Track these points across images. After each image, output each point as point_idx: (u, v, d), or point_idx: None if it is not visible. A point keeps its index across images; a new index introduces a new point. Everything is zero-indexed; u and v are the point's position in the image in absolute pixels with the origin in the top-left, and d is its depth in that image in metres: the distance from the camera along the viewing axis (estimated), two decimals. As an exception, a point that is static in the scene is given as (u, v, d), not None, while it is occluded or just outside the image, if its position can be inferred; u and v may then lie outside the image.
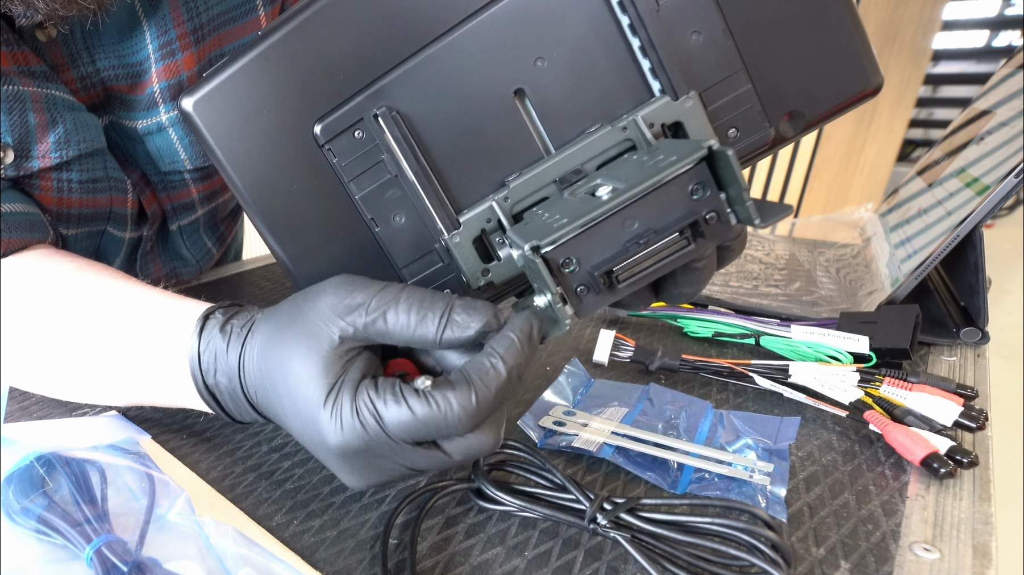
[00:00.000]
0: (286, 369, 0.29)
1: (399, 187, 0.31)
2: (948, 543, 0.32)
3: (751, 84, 0.30)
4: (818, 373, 0.44)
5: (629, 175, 0.27)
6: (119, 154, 0.50)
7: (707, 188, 0.25)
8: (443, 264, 0.33)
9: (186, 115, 0.31)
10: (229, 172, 0.32)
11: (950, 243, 0.50)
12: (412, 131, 0.30)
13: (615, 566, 0.31)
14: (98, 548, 0.29)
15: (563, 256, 0.26)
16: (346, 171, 0.31)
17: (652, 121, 0.30)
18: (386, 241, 0.32)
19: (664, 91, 0.30)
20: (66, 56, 0.44)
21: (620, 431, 0.40)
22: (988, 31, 4.61)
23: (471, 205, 0.31)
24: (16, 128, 0.41)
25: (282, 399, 0.30)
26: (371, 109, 0.30)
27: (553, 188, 0.30)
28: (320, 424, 0.28)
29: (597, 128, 0.30)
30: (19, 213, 0.43)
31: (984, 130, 0.63)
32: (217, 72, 0.30)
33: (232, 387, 0.32)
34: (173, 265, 0.64)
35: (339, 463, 0.29)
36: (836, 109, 0.31)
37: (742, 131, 0.31)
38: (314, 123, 0.30)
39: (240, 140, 0.31)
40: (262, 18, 0.49)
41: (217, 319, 0.33)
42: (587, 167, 0.30)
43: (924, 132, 4.82)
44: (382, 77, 0.30)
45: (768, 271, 0.71)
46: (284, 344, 0.30)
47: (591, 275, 0.26)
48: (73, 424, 0.38)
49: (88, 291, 0.39)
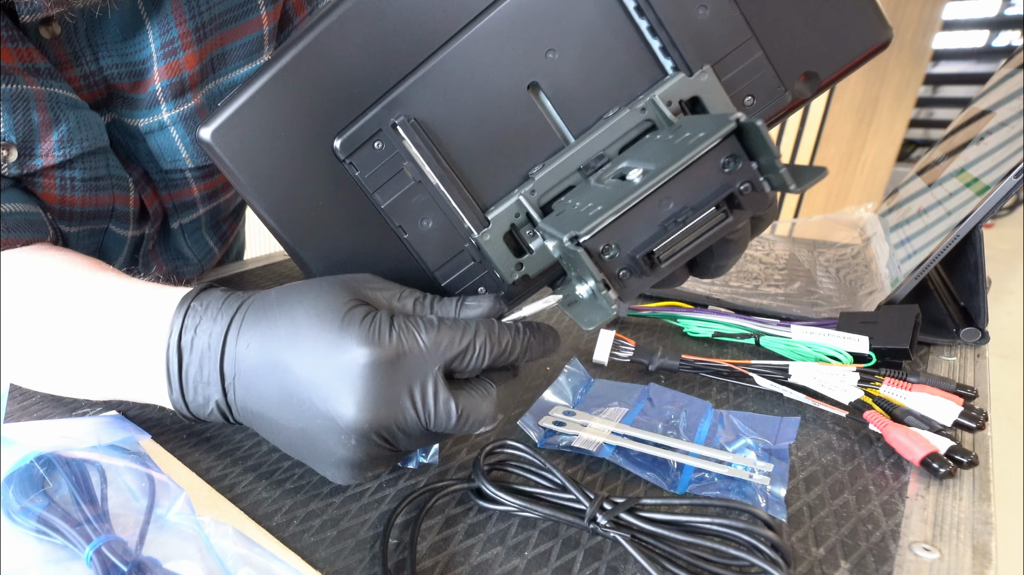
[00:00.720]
0: (303, 316, 0.30)
1: (424, 192, 0.31)
2: (948, 543, 0.32)
3: (762, 51, 0.30)
4: (818, 373, 0.44)
5: (657, 155, 0.27)
6: (121, 152, 0.50)
7: (739, 160, 0.25)
8: (475, 263, 0.33)
9: (205, 145, 0.31)
10: (252, 196, 0.32)
11: (950, 243, 0.50)
12: (431, 136, 0.31)
13: (615, 566, 0.31)
14: (98, 548, 0.29)
15: (603, 243, 0.26)
16: (369, 182, 0.31)
17: (670, 99, 0.30)
18: (416, 246, 0.33)
19: (677, 67, 0.30)
20: (69, 54, 0.44)
21: (620, 431, 0.40)
22: (988, 31, 4.62)
23: (497, 202, 0.31)
24: (20, 126, 0.41)
25: (298, 330, 0.30)
26: (388, 119, 0.30)
27: (578, 176, 0.31)
28: (349, 337, 0.29)
29: (615, 112, 0.30)
30: (19, 213, 0.43)
31: (984, 130, 0.63)
32: (232, 99, 0.30)
33: (209, 353, 0.32)
34: (175, 264, 0.64)
35: (362, 386, 0.29)
36: (850, 66, 0.31)
37: (758, 98, 0.31)
38: (333, 139, 0.31)
39: (261, 164, 0.31)
40: (263, 17, 0.49)
41: (200, 296, 0.34)
42: (609, 151, 0.30)
43: (924, 132, 4.83)
44: (396, 87, 0.30)
45: (768, 271, 0.71)
46: (301, 294, 0.31)
47: (632, 258, 0.26)
48: (73, 424, 0.38)
49: (71, 282, 0.39)
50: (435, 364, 0.30)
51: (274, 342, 0.31)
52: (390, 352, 0.29)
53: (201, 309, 0.33)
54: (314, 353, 0.30)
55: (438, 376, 0.30)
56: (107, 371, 0.37)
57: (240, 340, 0.32)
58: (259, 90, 0.30)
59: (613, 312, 0.27)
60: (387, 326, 0.29)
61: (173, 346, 0.33)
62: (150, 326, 0.35)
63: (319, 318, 0.30)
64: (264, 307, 0.32)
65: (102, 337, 0.36)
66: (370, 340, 0.29)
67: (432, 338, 0.30)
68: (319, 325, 0.30)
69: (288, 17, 0.53)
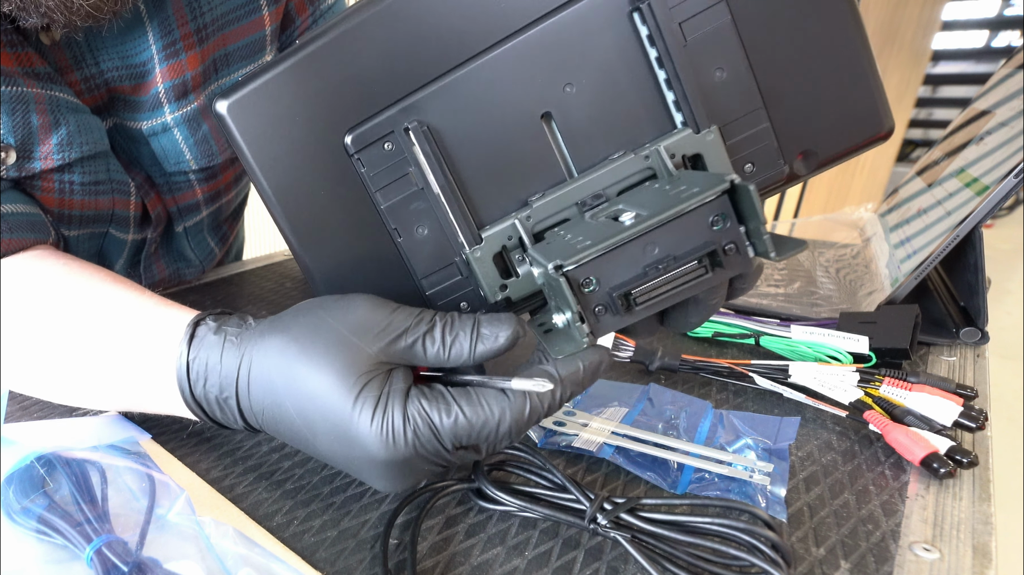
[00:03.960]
0: (314, 383, 0.29)
1: (424, 200, 0.32)
2: (948, 543, 0.32)
3: (769, 122, 0.31)
4: (818, 373, 0.44)
5: (651, 202, 0.28)
6: (123, 157, 0.50)
7: (727, 220, 0.26)
8: (462, 277, 0.33)
9: (219, 117, 0.31)
10: (258, 174, 0.32)
11: (950, 243, 0.50)
12: (441, 146, 0.31)
13: (615, 566, 0.31)
14: (98, 548, 0.29)
15: (584, 276, 0.27)
16: (374, 181, 0.32)
17: (674, 152, 0.30)
18: (408, 251, 0.33)
19: (686, 123, 0.30)
20: (70, 58, 0.44)
21: (620, 431, 0.40)
22: (988, 31, 4.62)
23: (493, 222, 0.32)
24: (19, 129, 0.41)
25: (307, 414, 0.29)
26: (402, 123, 0.30)
27: (574, 211, 0.31)
28: (362, 437, 0.28)
29: (620, 155, 0.31)
30: (20, 214, 0.43)
31: (984, 130, 0.63)
32: (253, 77, 0.31)
33: (225, 397, 0.32)
34: (177, 266, 0.64)
35: (380, 472, 0.29)
36: (848, 151, 0.32)
37: (758, 166, 0.32)
38: (345, 133, 0.31)
39: (271, 144, 0.31)
40: (266, 18, 0.49)
41: (208, 326, 0.33)
42: (608, 192, 0.31)
43: (924, 132, 4.82)
44: (415, 92, 0.30)
45: (768, 271, 0.71)
46: (309, 358, 0.29)
47: (610, 296, 0.27)
48: (73, 424, 0.38)
49: (75, 294, 0.38)
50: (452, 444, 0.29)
51: (285, 423, 0.30)
52: (405, 453, 0.28)
53: (203, 359, 0.32)
54: (328, 441, 0.29)
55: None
56: (117, 389, 0.37)
57: (253, 404, 0.31)
58: (281, 72, 0.30)
59: (584, 344, 0.28)
60: (400, 419, 0.28)
61: (184, 382, 0.33)
62: (155, 357, 0.34)
63: (328, 410, 0.29)
64: (268, 379, 0.30)
65: (108, 355, 0.36)
66: (384, 443, 0.28)
67: (450, 430, 0.29)
68: (330, 419, 0.29)
69: (290, 17, 0.53)
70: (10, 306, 0.38)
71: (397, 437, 0.28)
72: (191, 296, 0.67)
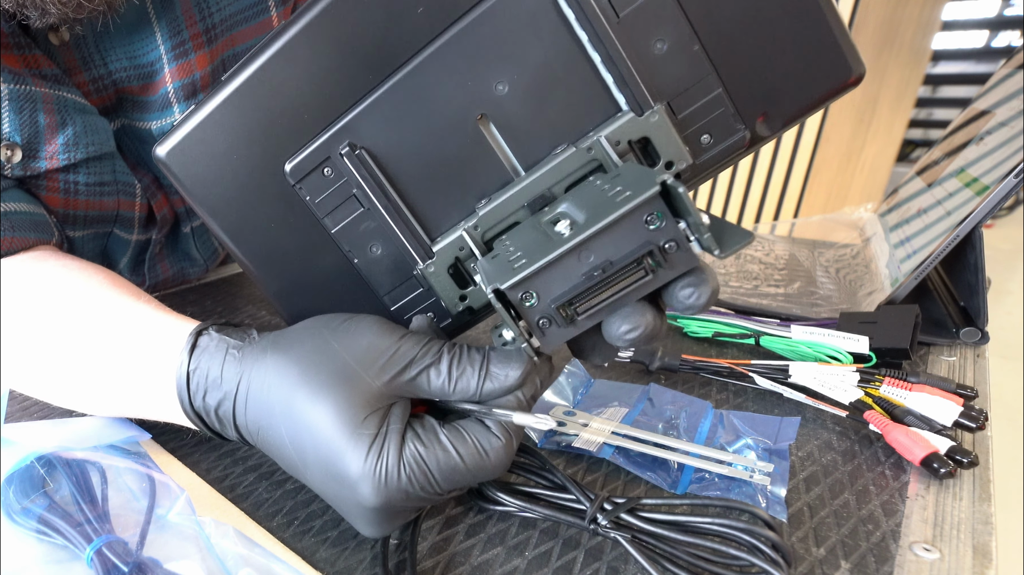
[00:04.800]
0: (311, 414, 0.28)
1: (373, 219, 0.31)
2: (948, 543, 0.32)
3: (722, 88, 0.29)
4: (818, 373, 0.44)
5: (590, 204, 0.27)
6: (131, 158, 0.50)
7: (663, 218, 0.25)
8: (424, 290, 0.33)
9: (162, 163, 0.31)
10: (207, 216, 0.32)
11: (950, 243, 0.50)
12: (379, 165, 0.30)
13: (615, 566, 0.31)
14: (99, 548, 0.29)
15: (522, 291, 0.26)
16: (319, 208, 0.31)
17: (618, 139, 0.29)
18: (365, 271, 0.33)
19: (630, 104, 0.29)
20: (78, 59, 0.44)
21: (620, 431, 0.40)
22: (988, 31, 4.61)
23: (446, 232, 0.31)
24: (26, 127, 0.41)
25: (299, 443, 0.29)
26: (337, 147, 0.30)
27: (524, 212, 0.30)
28: (353, 476, 0.28)
29: (563, 150, 0.29)
30: (23, 212, 0.43)
31: (984, 130, 0.63)
32: (187, 119, 0.30)
33: (223, 411, 0.31)
34: (181, 265, 0.64)
35: (364, 513, 0.29)
36: (814, 103, 0.30)
37: (715, 136, 0.30)
38: (284, 162, 0.30)
39: (215, 184, 0.31)
40: (274, 18, 0.49)
41: (211, 337, 0.32)
42: (556, 190, 0.30)
43: (924, 132, 4.82)
44: (344, 114, 0.30)
45: (768, 271, 0.71)
46: (309, 386, 0.29)
47: (551, 308, 0.26)
48: (73, 424, 0.38)
49: (72, 299, 0.37)
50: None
51: (277, 447, 0.30)
52: (396, 495, 0.28)
53: (204, 371, 0.32)
54: (318, 473, 0.29)
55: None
56: (114, 396, 0.36)
57: (249, 423, 0.31)
58: (212, 111, 0.30)
59: (534, 359, 0.28)
60: (396, 463, 0.28)
61: (184, 392, 0.32)
62: (155, 365, 0.34)
63: (321, 443, 0.28)
64: (265, 400, 0.30)
65: (105, 363, 0.36)
66: (375, 485, 0.27)
67: (448, 475, 0.28)
68: (322, 452, 0.28)
69: None
70: (7, 307, 0.38)
71: (390, 480, 0.27)
72: (192, 296, 0.67)
